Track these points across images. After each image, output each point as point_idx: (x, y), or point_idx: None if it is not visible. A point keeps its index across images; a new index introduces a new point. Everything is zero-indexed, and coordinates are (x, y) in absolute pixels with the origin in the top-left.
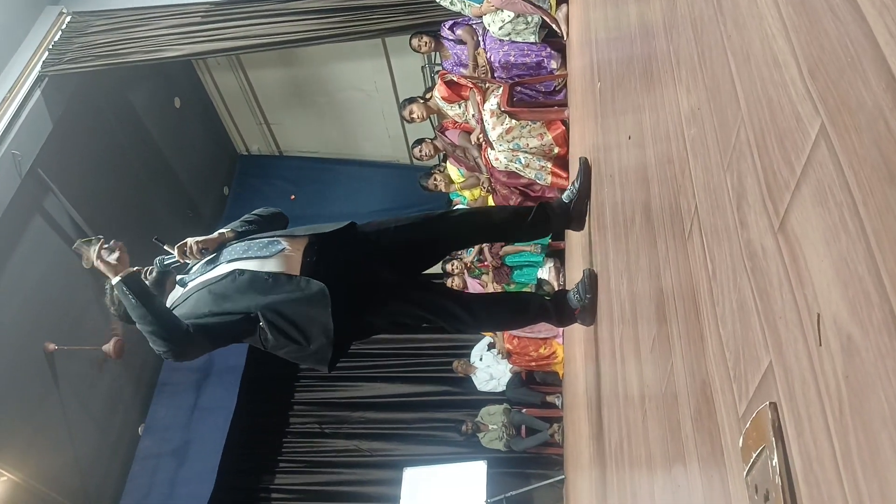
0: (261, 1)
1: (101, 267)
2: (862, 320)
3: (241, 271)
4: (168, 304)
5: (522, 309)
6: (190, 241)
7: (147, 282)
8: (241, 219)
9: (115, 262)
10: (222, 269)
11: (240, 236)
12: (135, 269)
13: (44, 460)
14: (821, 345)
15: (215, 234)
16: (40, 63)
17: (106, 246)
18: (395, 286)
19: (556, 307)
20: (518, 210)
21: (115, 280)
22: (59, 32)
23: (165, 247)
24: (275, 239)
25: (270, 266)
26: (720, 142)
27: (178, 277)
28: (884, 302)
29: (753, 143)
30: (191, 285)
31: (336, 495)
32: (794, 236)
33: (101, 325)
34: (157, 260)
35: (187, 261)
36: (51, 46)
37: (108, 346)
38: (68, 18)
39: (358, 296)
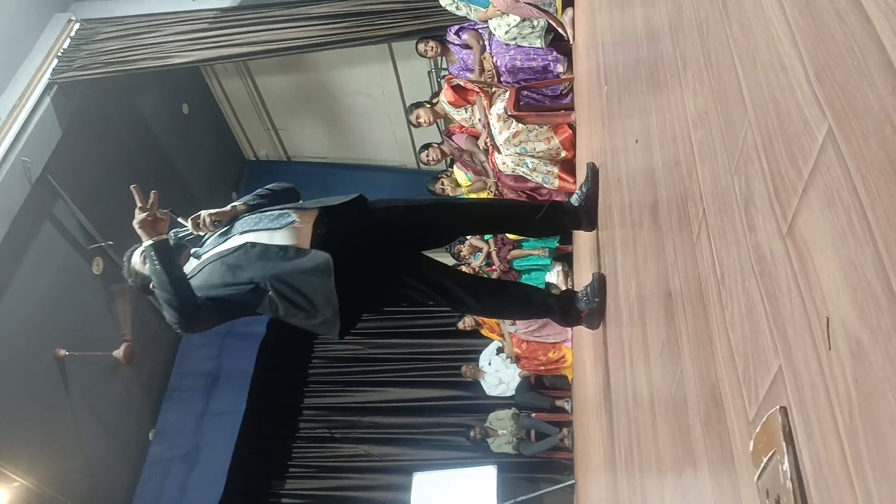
0: (268, 7)
1: (141, 229)
2: (871, 324)
3: (253, 244)
4: None
5: (526, 301)
6: (203, 213)
7: None
8: (254, 192)
9: (153, 225)
10: (235, 241)
11: (252, 209)
12: (165, 236)
13: (55, 465)
14: (830, 349)
15: (228, 207)
16: (49, 70)
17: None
18: (403, 261)
19: (561, 306)
20: (528, 204)
21: (147, 242)
22: (68, 40)
23: (180, 219)
24: (285, 211)
25: (280, 237)
26: (727, 145)
27: (193, 250)
28: (892, 306)
29: (761, 146)
30: (204, 257)
31: (346, 500)
32: (801, 240)
33: (111, 331)
34: (171, 233)
35: (201, 233)
36: (60, 54)
37: (119, 352)
38: (77, 26)
39: (365, 268)
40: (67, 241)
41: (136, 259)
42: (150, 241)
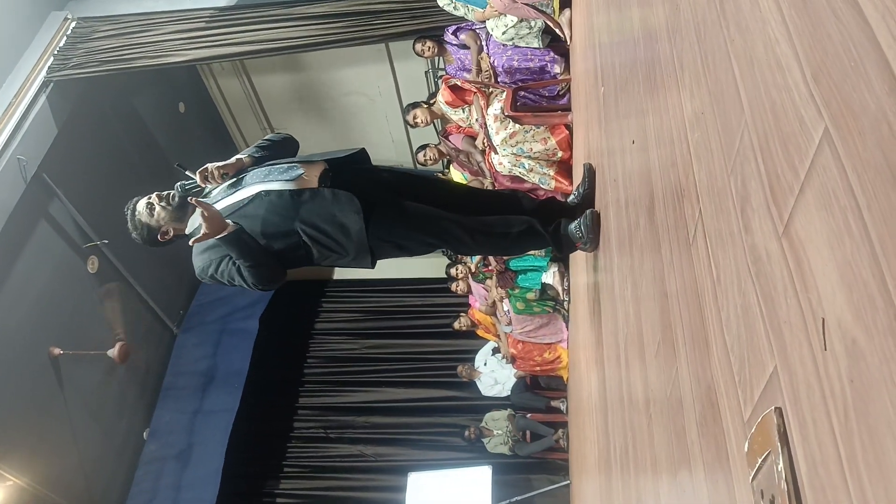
0: (265, 6)
1: (213, 234)
2: (867, 324)
3: (267, 192)
4: (190, 228)
5: (518, 238)
6: (211, 166)
7: (170, 206)
8: (255, 144)
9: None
10: (246, 192)
11: (256, 162)
12: (234, 227)
13: (49, 464)
14: (826, 349)
15: (233, 160)
16: (45, 68)
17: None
18: (402, 211)
19: (554, 242)
20: (527, 196)
21: (219, 237)
22: (64, 38)
23: (187, 172)
24: (293, 164)
25: (290, 189)
26: (724, 146)
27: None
28: (888, 306)
29: (757, 147)
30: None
31: (341, 500)
32: (798, 240)
33: (106, 330)
34: (178, 185)
35: (208, 185)
36: (56, 52)
37: (113, 351)
38: (73, 24)
39: (367, 220)
40: (63, 240)
41: (142, 211)
42: (225, 234)
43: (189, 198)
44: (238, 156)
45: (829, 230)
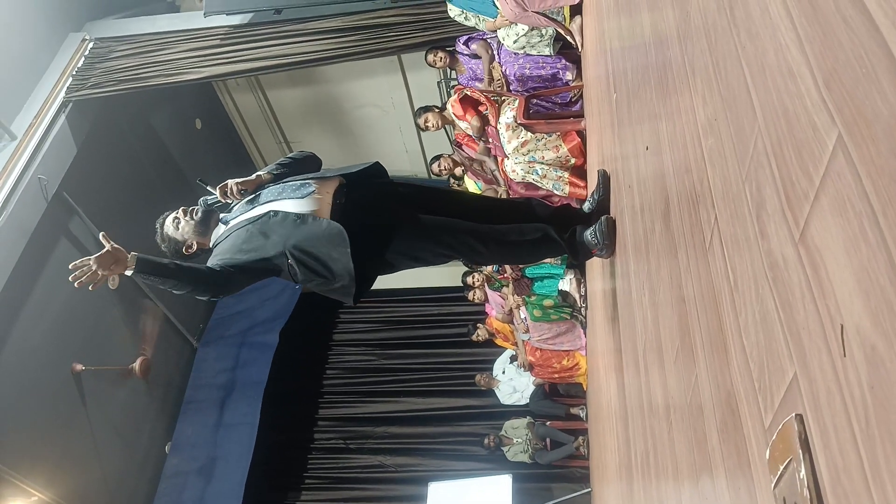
0: (278, 23)
1: (113, 273)
2: (885, 330)
3: (275, 212)
4: (213, 241)
5: (533, 245)
6: (230, 182)
7: (194, 220)
8: (276, 162)
9: (114, 264)
10: (260, 209)
11: (275, 179)
12: (133, 253)
13: (72, 479)
14: (845, 356)
15: (253, 177)
16: (64, 89)
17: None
18: (417, 223)
19: (571, 248)
20: (541, 202)
21: (129, 274)
22: (83, 58)
23: (209, 188)
24: (306, 182)
25: (301, 207)
26: (738, 152)
27: (221, 216)
28: None
29: (771, 153)
30: (232, 223)
31: None
32: (814, 246)
33: (127, 345)
34: (201, 200)
35: (228, 201)
36: (74, 72)
37: (135, 366)
38: (91, 45)
39: (382, 233)
40: (83, 257)
41: (169, 225)
42: (131, 272)
43: (101, 234)
44: (258, 172)
45: (844, 236)
